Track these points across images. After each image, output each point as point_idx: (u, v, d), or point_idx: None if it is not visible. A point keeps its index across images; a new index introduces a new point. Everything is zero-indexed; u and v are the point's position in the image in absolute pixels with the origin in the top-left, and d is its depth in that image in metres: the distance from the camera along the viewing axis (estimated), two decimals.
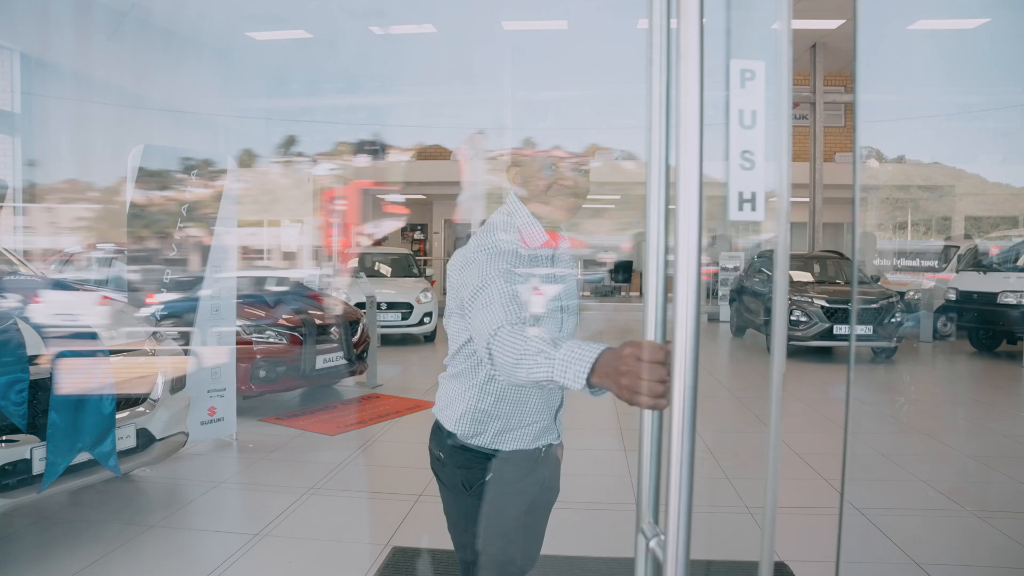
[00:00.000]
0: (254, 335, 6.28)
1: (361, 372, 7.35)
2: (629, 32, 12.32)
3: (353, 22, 14.10)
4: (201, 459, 4.96)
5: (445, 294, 1.80)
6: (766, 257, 12.19)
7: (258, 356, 6.23)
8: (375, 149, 17.72)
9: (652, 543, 0.99)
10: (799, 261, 11.69)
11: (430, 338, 11.73)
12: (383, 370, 8.93)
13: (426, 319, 11.25)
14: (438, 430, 1.82)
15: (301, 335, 6.47)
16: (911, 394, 8.06)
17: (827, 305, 9.75)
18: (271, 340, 6.34)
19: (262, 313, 6.50)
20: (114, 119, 13.01)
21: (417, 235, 23.04)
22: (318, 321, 6.73)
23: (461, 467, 1.77)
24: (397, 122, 18.41)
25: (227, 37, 14.88)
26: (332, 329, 6.82)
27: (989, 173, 15.70)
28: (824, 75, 14.75)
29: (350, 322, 7.15)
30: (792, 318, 9.90)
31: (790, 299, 10.03)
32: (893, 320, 9.73)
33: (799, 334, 9.86)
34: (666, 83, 0.84)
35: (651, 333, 1.00)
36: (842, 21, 13.22)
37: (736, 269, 15.87)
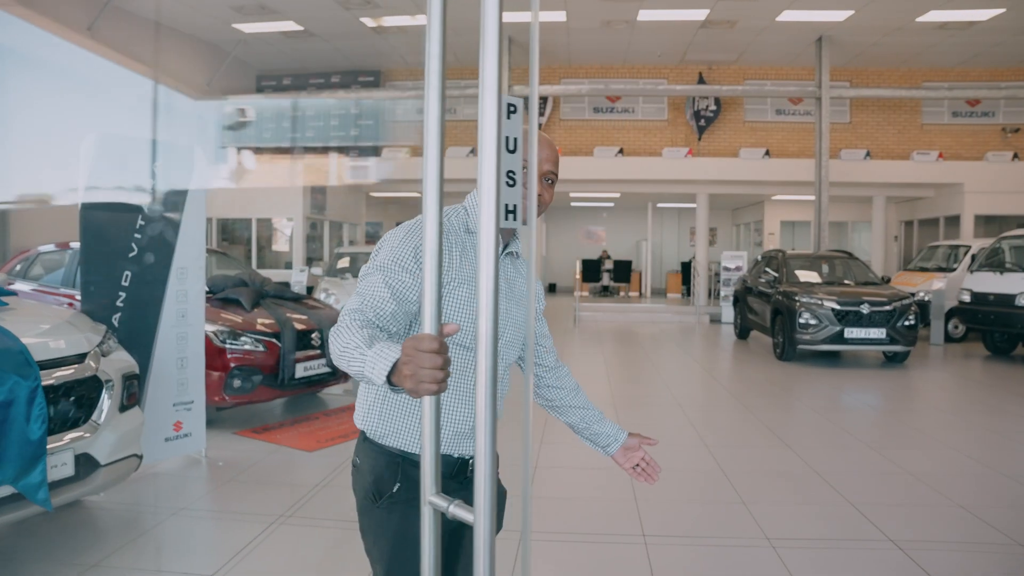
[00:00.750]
0: (228, 342, 5.81)
1: (347, 379, 6.89)
2: None
3: (345, 13, 13.63)
4: (164, 480, 4.50)
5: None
6: (770, 257, 11.76)
7: (232, 364, 5.76)
8: (369, 146, 17.25)
9: (452, 508, 1.10)
10: (805, 261, 11.25)
11: None
12: None
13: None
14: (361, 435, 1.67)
15: (280, 341, 6.01)
16: (931, 403, 7.62)
17: (838, 307, 9.31)
18: (247, 347, 5.88)
19: (238, 319, 6.04)
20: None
21: None
22: (300, 326, 6.26)
23: (372, 472, 1.60)
24: (391, 118, 17.94)
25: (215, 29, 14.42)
26: (314, 334, 6.36)
27: (1000, 169, 15.26)
28: (830, 69, 14.30)
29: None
30: (801, 321, 9.47)
31: (798, 301, 9.60)
32: (908, 323, 9.29)
33: (808, 337, 9.42)
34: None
35: (428, 325, 1.08)
36: (850, 12, 12.77)
37: (738, 269, 15.44)
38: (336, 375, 6.56)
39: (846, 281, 10.64)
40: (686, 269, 19.79)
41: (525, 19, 13.77)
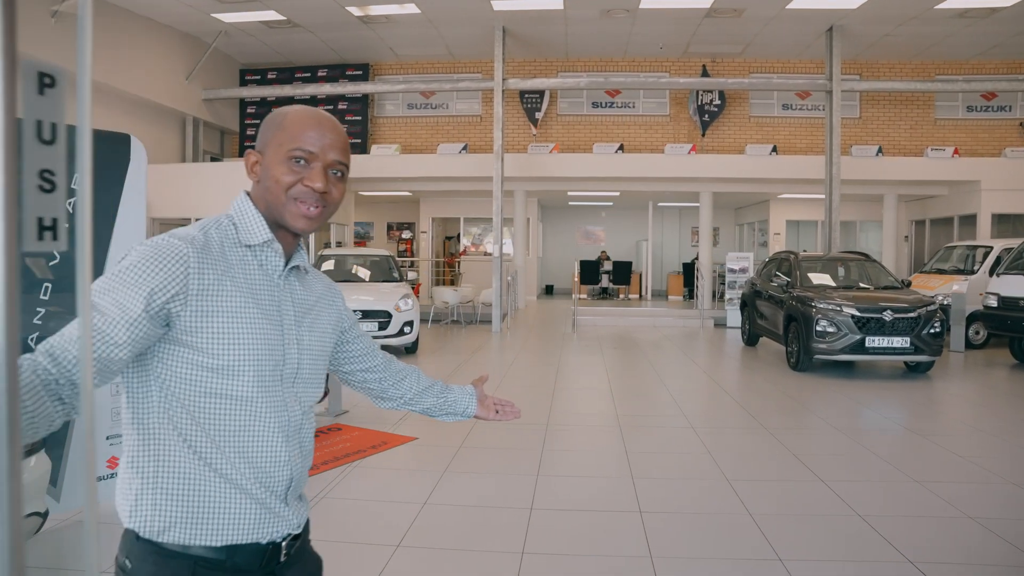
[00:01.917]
0: None
1: (320, 399, 6.17)
2: None
3: (330, 1, 12.90)
4: (99, 530, 3.76)
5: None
6: (781, 259, 11.06)
7: None
8: (355, 142, 16.52)
9: None
10: (819, 263, 10.56)
11: (412, 349, 10.59)
12: (354, 391, 7.78)
13: (407, 329, 10.10)
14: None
15: None
16: (966, 421, 6.92)
17: (858, 314, 8.61)
18: None
19: None
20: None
21: (406, 234, 21.87)
22: None
23: None
24: (379, 113, 17.21)
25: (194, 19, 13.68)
26: None
27: (1018, 166, 14.58)
28: (841, 61, 13.61)
29: None
30: (818, 328, 8.77)
31: (814, 306, 8.90)
32: (933, 331, 8.60)
33: (825, 346, 8.73)
34: None
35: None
36: (864, 0, 12.09)
37: (744, 271, 14.75)
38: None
39: (864, 285, 9.95)
40: (688, 270, 19.10)
41: (521, 7, 13.06)
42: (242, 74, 16.84)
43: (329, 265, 11.64)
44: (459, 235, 20.74)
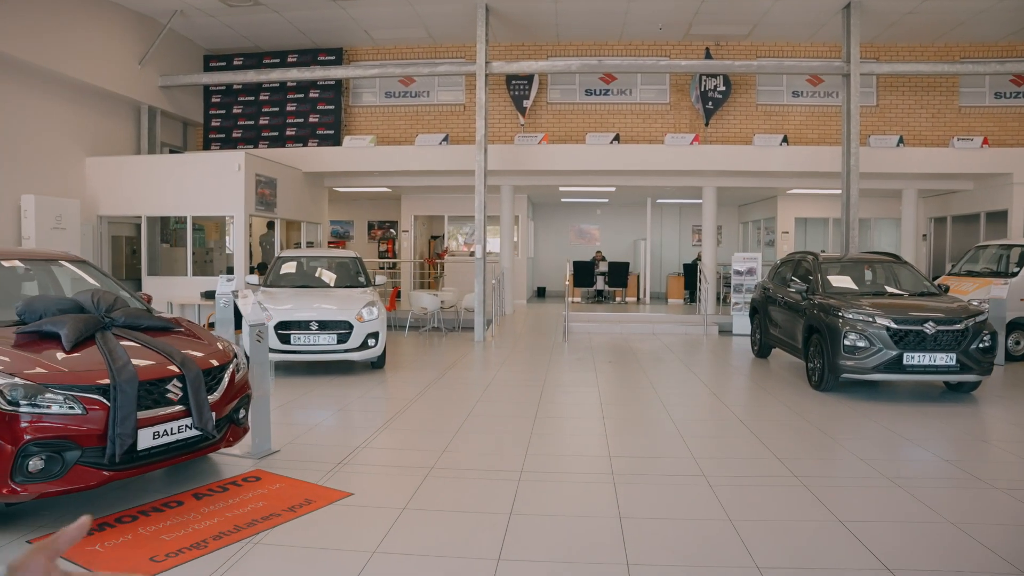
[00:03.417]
0: (23, 402, 3.80)
1: (232, 442, 4.87)
2: None
3: None
4: None
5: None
6: (797, 261, 9.77)
7: (28, 437, 3.75)
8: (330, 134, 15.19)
9: None
10: (843, 266, 9.26)
11: (378, 364, 9.30)
12: (297, 419, 6.48)
13: (371, 341, 8.80)
14: None
15: (111, 397, 3.99)
16: None
17: (894, 326, 7.32)
18: (54, 408, 3.86)
19: (45, 366, 4.02)
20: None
21: (386, 233, 20.55)
22: (148, 373, 4.24)
23: None
24: (355, 102, 15.88)
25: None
26: (173, 383, 4.34)
27: None
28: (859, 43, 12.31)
29: (214, 367, 4.68)
30: (847, 342, 7.49)
31: (842, 317, 7.61)
32: (983, 346, 7.32)
33: (854, 363, 7.44)
34: None
35: None
36: None
37: (751, 273, 13.47)
38: (212, 438, 4.56)
39: (895, 291, 8.67)
40: (689, 272, 17.79)
41: None
42: (206, 61, 15.49)
43: (289, 268, 10.34)
44: (444, 235, 19.43)
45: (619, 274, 17.89)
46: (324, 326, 8.64)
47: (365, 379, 8.66)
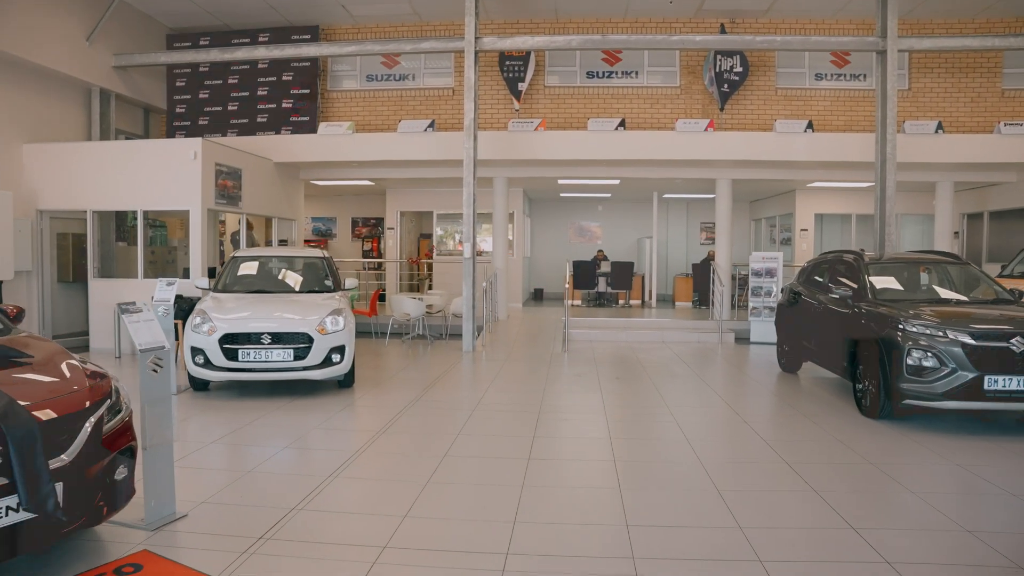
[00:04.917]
0: None
1: (107, 515, 3.47)
2: None
3: None
4: None
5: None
6: (835, 261, 8.39)
7: None
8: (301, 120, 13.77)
9: None
10: (894, 268, 7.88)
11: (346, 383, 7.91)
12: (230, 461, 4.97)
13: (335, 356, 7.42)
14: None
15: None
16: None
17: (972, 342, 5.93)
18: None
19: None
20: None
21: (375, 230, 19.13)
22: None
23: None
24: (333, 86, 14.46)
25: None
26: None
27: None
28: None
29: (65, 417, 3.27)
30: (910, 362, 6.12)
31: (902, 329, 6.23)
32: None
33: (920, 387, 6.06)
34: None
35: None
36: None
37: (771, 274, 12.10)
38: (65, 521, 3.16)
39: (962, 298, 7.30)
40: (698, 273, 16.39)
41: None
42: (169, 40, 14.06)
43: (247, 269, 8.94)
44: (433, 233, 18.02)
45: (623, 275, 16.49)
46: (278, 339, 7.24)
47: (329, 402, 7.27)
